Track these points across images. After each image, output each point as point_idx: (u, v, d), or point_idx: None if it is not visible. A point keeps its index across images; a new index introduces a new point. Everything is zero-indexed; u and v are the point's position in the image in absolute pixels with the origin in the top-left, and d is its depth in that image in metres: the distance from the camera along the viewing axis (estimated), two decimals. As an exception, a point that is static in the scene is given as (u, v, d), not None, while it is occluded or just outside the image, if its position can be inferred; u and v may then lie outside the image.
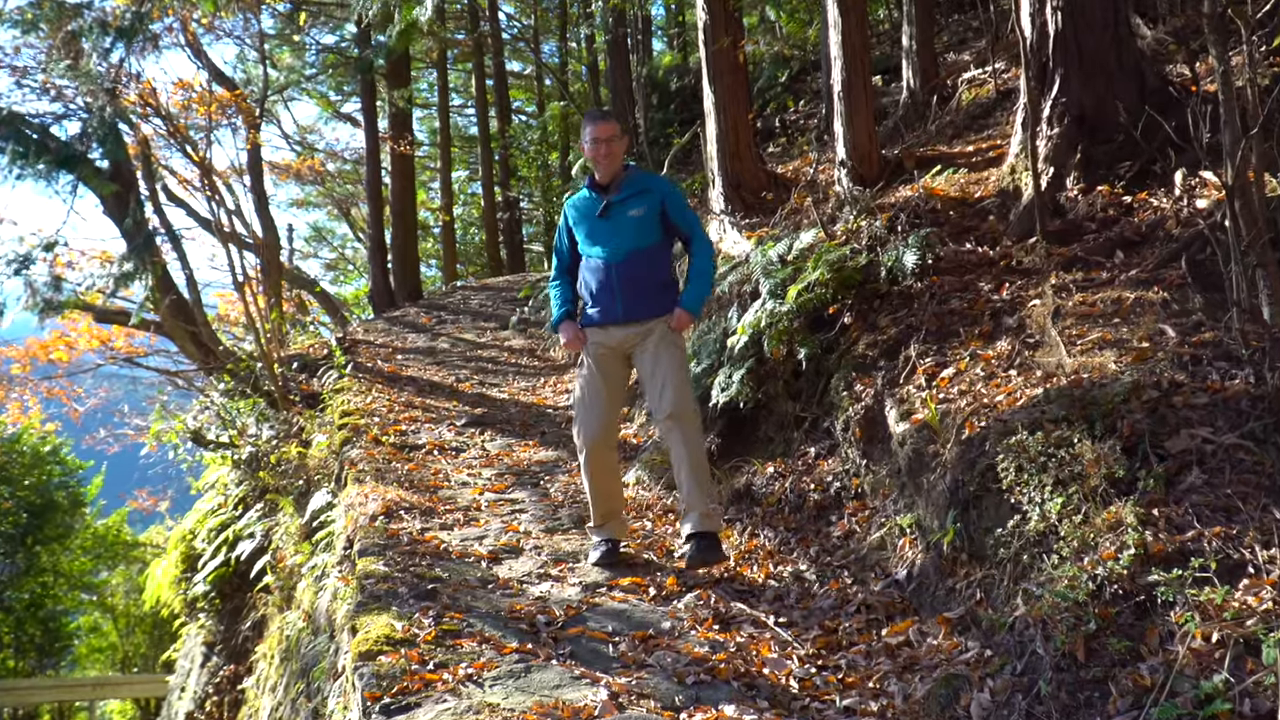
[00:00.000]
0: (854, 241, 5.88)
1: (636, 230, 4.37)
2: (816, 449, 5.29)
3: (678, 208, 4.40)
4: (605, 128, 4.36)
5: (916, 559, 4.04)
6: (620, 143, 4.41)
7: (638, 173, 4.47)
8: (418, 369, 11.56)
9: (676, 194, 4.41)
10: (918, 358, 4.78)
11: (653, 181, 4.42)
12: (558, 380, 10.96)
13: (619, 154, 4.40)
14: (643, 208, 4.36)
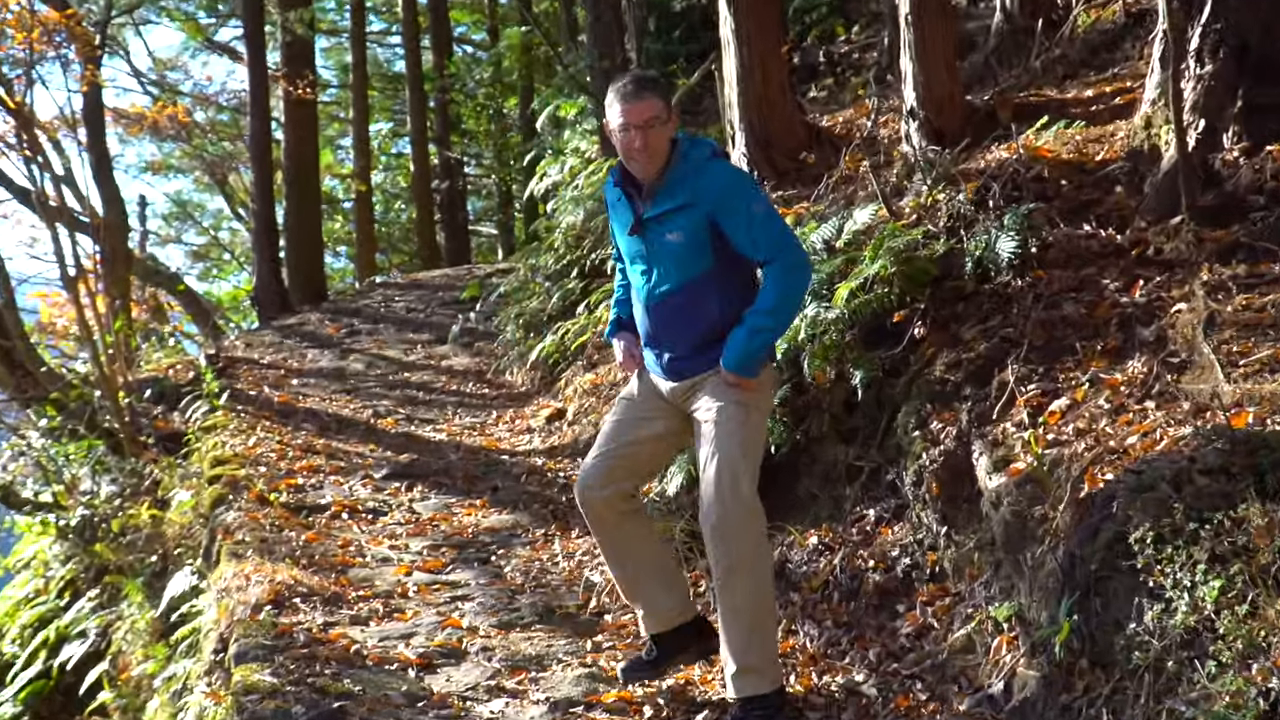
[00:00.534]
0: (928, 222, 5.92)
1: (676, 261, 4.20)
2: (877, 511, 5.30)
3: (737, 219, 4.12)
4: (642, 108, 4.13)
5: (1017, 666, 4.04)
6: (666, 128, 4.17)
7: (689, 161, 4.21)
8: (320, 399, 11.57)
9: (736, 196, 4.13)
10: (1017, 384, 4.80)
11: (704, 180, 4.15)
12: (517, 414, 10.99)
13: (663, 144, 4.17)
14: (681, 230, 4.17)
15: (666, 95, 4.24)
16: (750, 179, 4.37)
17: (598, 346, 10.69)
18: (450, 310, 16.76)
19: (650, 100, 4.17)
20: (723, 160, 4.27)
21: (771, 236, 4.12)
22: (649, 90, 4.19)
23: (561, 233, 12.78)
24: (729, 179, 4.20)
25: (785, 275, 4.11)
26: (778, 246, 4.12)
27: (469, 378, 13.13)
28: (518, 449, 9.53)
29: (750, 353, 4.11)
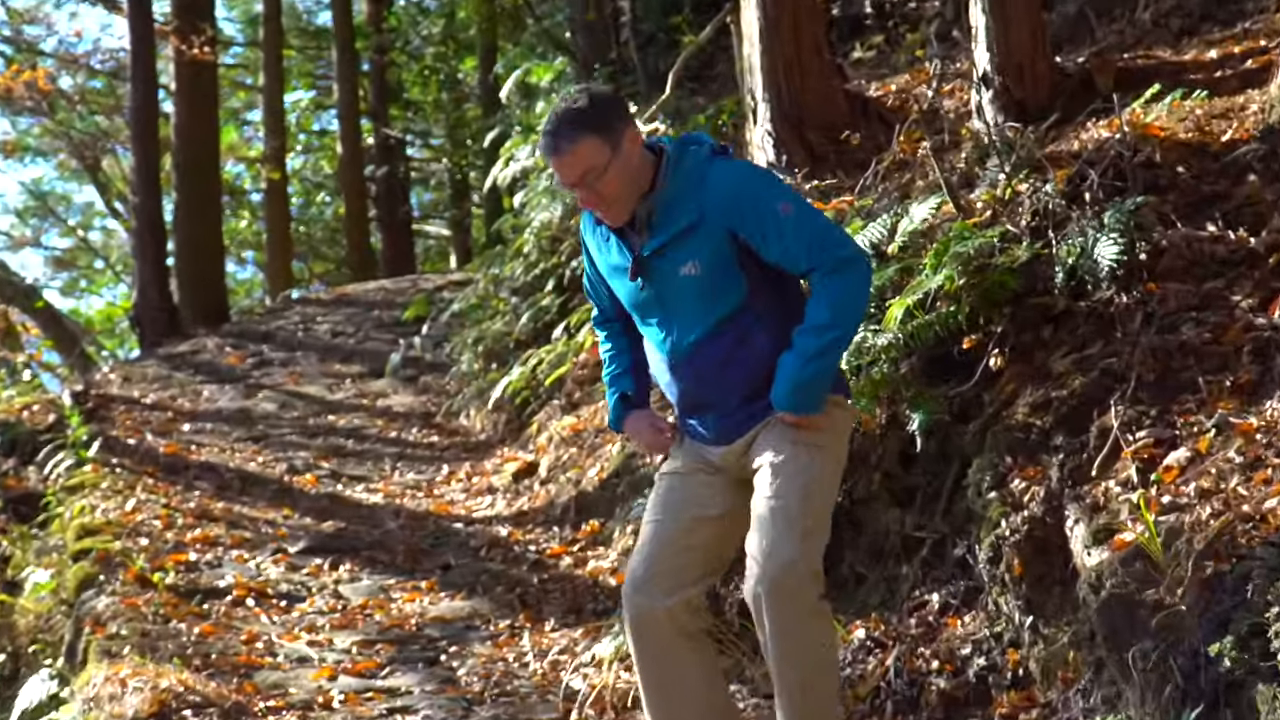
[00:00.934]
0: (1006, 220, 5.93)
1: (700, 298, 4.18)
2: (943, 596, 5.28)
3: (764, 226, 4.10)
4: (571, 162, 4.10)
5: (1125, 797, 4.03)
6: (619, 164, 4.11)
7: (683, 169, 4.19)
8: (220, 449, 11.56)
9: (756, 197, 4.11)
10: (1123, 430, 4.80)
11: (710, 188, 4.12)
12: (475, 469, 10.99)
13: (624, 182, 4.14)
14: (697, 258, 4.14)
15: (607, 122, 4.11)
16: (767, 173, 4.38)
17: (579, 381, 10.70)
18: (388, 334, 16.78)
19: (581, 145, 4.08)
20: (727, 158, 4.25)
21: (811, 237, 4.10)
22: (575, 129, 4.08)
23: (533, 234, 12.82)
24: (741, 178, 4.19)
25: (836, 277, 4.09)
26: (820, 245, 4.10)
27: (413, 422, 13.14)
28: (475, 515, 9.53)
29: (804, 383, 4.07)
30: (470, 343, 13.46)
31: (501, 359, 12.67)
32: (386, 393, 14.42)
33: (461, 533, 8.98)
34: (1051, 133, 6.73)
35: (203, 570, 7.73)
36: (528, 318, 12.24)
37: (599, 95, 4.19)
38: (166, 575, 7.32)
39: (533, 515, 9.16)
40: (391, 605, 7.36)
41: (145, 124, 18.59)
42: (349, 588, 7.69)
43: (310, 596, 7.48)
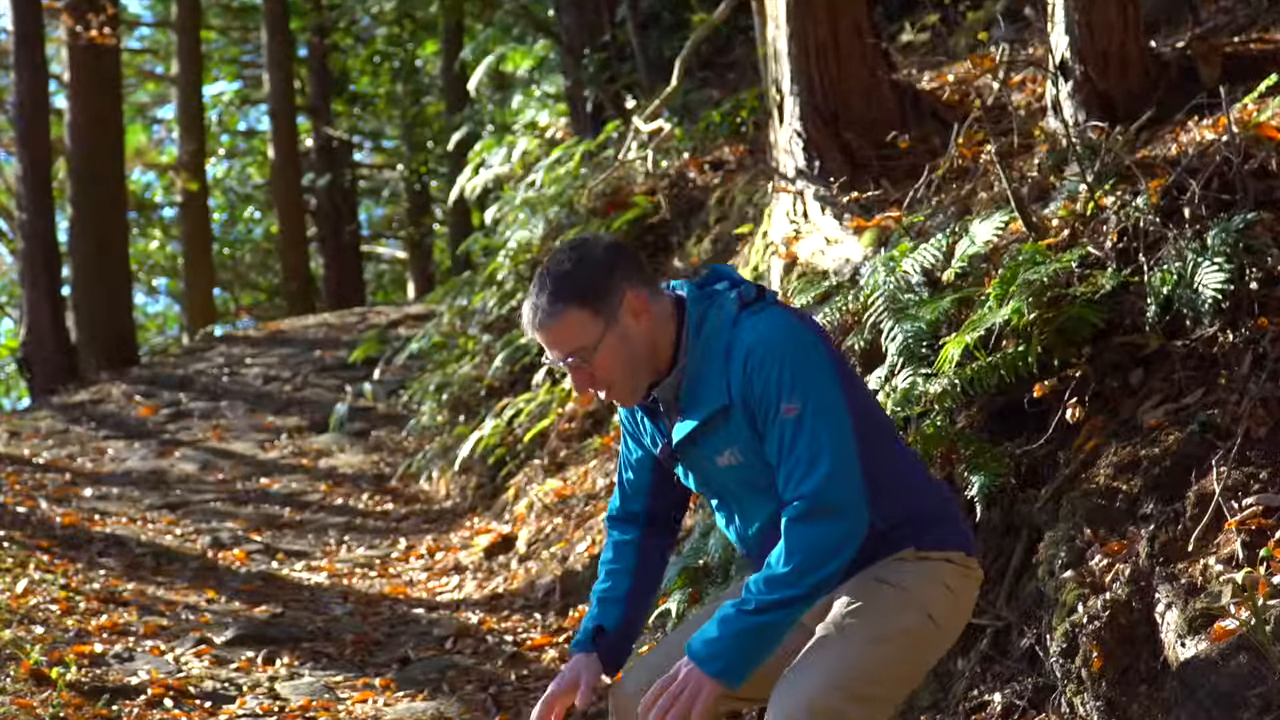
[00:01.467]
0: (1087, 241, 5.96)
1: (751, 489, 4.23)
2: (1006, 696, 5.30)
3: (766, 418, 4.10)
4: (558, 335, 4.14)
5: None
6: (612, 343, 4.14)
7: (705, 336, 4.20)
8: (128, 519, 11.58)
9: (767, 384, 4.09)
10: (1226, 496, 4.81)
11: (735, 360, 4.14)
12: (439, 543, 11.03)
13: (627, 357, 4.17)
14: (734, 446, 4.18)
15: (598, 290, 4.13)
16: (795, 343, 4.18)
17: (565, 437, 10.77)
18: (333, 380, 16.83)
19: (565, 319, 4.11)
20: (756, 312, 4.21)
21: (799, 461, 4.05)
22: (558, 300, 4.11)
23: (509, 257, 12.89)
24: (759, 349, 4.11)
25: (808, 525, 4.03)
26: (804, 476, 4.04)
27: (363, 486, 13.18)
28: (440, 598, 9.56)
29: (734, 635, 4.02)
30: (433, 390, 13.51)
31: (471, 409, 12.72)
32: (331, 450, 14.46)
33: (423, 620, 9.01)
34: (1144, 134, 6.73)
35: (111, 664, 7.73)
36: (502, 360, 12.29)
37: (591, 255, 4.16)
38: (67, 670, 7.32)
39: (509, 599, 9.19)
40: (339, 707, 7.37)
41: (32, 122, 18.64)
42: (287, 686, 7.69)
43: (240, 696, 7.48)
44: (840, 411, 4.07)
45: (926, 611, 4.14)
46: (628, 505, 4.56)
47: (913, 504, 4.28)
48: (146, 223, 32.21)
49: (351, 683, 7.77)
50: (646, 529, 4.54)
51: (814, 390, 4.06)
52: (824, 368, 4.11)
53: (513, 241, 12.82)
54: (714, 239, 10.67)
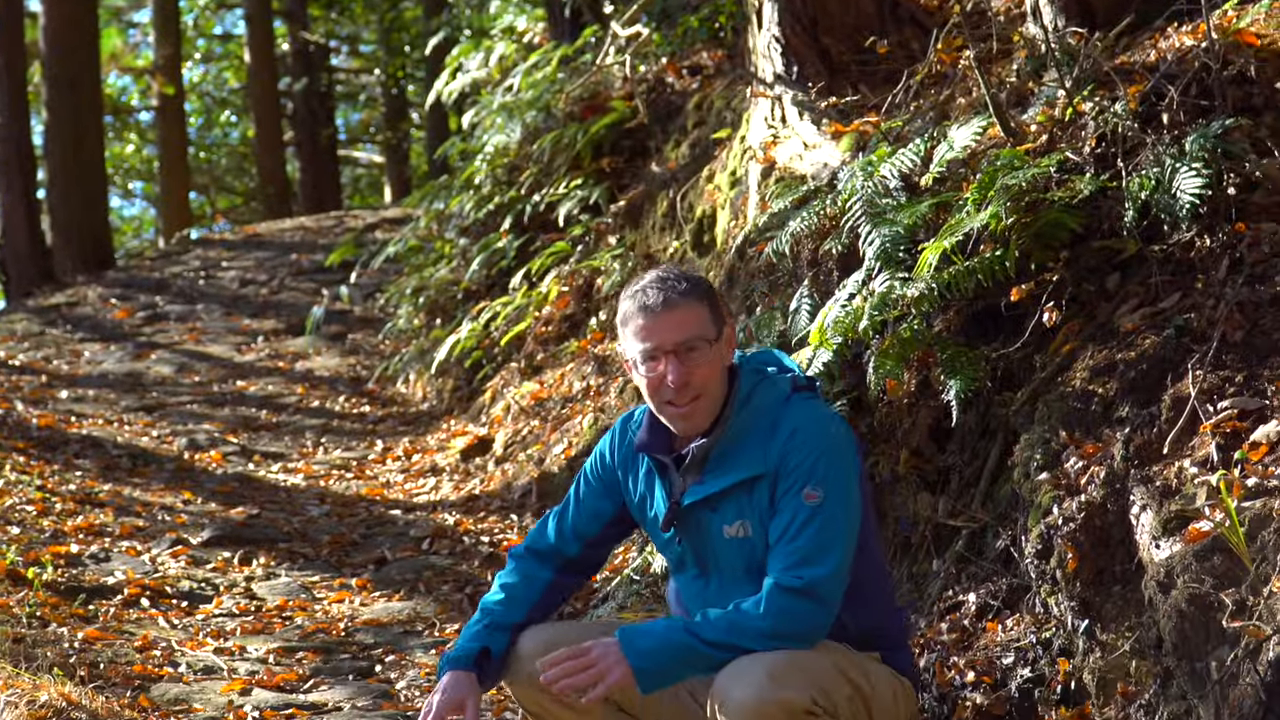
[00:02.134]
0: (1065, 146, 5.94)
1: (745, 567, 4.24)
2: (981, 596, 5.33)
3: (784, 493, 4.15)
4: (678, 321, 4.18)
5: (1198, 834, 4.09)
6: (717, 351, 4.21)
7: (754, 408, 4.25)
8: (105, 421, 11.56)
9: (801, 462, 4.13)
10: (1202, 399, 4.82)
11: (780, 439, 4.18)
12: (416, 445, 11.02)
13: (714, 379, 4.22)
14: (747, 519, 4.21)
15: (715, 300, 4.24)
16: (836, 440, 4.23)
17: (542, 340, 10.75)
18: (309, 283, 16.78)
19: (694, 309, 4.18)
20: (809, 399, 4.26)
21: (814, 545, 4.09)
22: (686, 294, 4.18)
23: (486, 162, 12.83)
24: (804, 434, 4.16)
25: (790, 598, 4.05)
26: (800, 563, 4.07)
27: (339, 388, 13.17)
28: (417, 500, 9.57)
29: (663, 651, 4.03)
30: (409, 293, 13.47)
31: (448, 313, 12.69)
32: (307, 353, 14.44)
33: (399, 521, 9.02)
34: (1123, 40, 6.68)
35: (87, 565, 7.74)
36: (479, 263, 12.25)
37: (708, 283, 4.30)
38: (43, 571, 7.33)
39: (486, 500, 9.21)
40: (315, 606, 7.40)
41: (7, 26, 18.46)
42: (264, 586, 7.71)
43: (217, 596, 7.50)
44: (855, 520, 4.16)
45: (875, 693, 4.17)
46: (560, 546, 4.54)
47: (885, 622, 4.38)
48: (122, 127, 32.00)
49: (328, 583, 7.79)
50: (563, 572, 4.54)
51: (841, 489, 4.14)
52: (854, 474, 4.20)
53: (490, 146, 12.76)
54: (692, 144, 10.62)
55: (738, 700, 3.91)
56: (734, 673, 3.95)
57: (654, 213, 10.54)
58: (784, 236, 6.51)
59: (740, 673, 3.94)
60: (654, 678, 4.02)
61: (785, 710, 3.89)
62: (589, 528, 4.51)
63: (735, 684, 3.93)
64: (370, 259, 15.11)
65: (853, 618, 4.21)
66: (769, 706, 3.88)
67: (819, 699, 3.95)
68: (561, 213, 11.28)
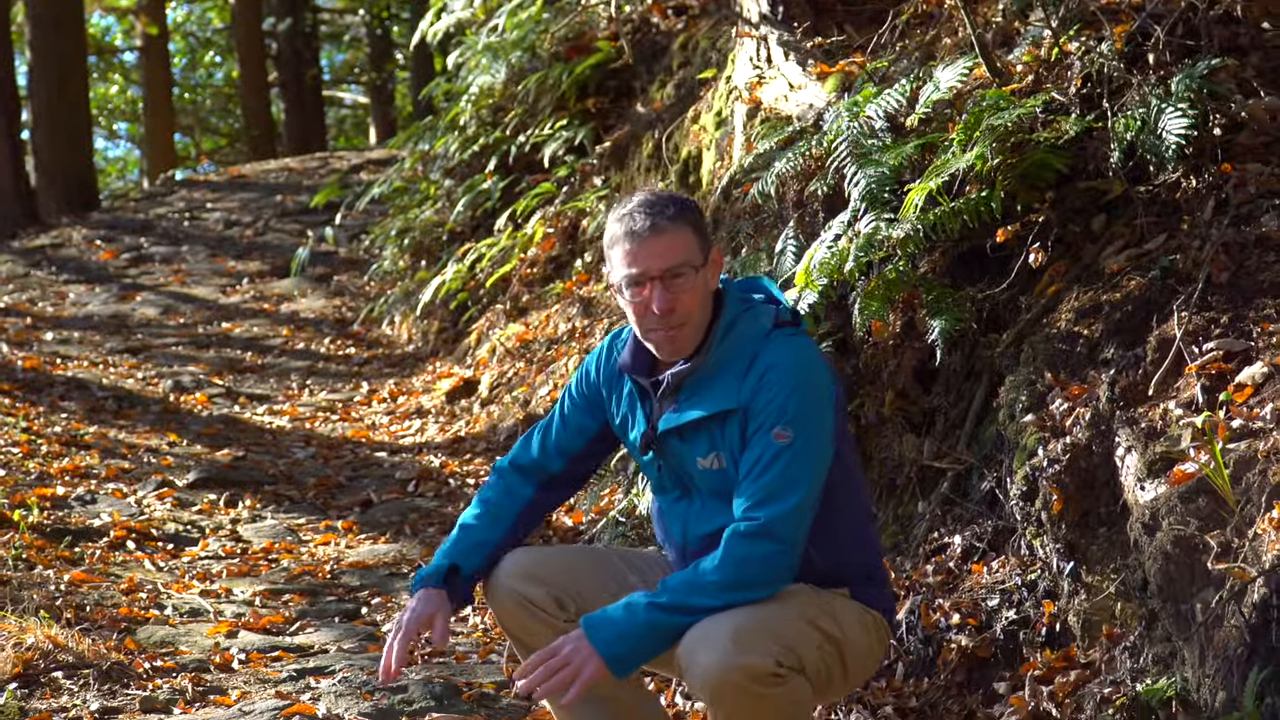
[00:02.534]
0: (1051, 87, 5.93)
1: (721, 494, 4.22)
2: (966, 539, 5.34)
3: (756, 430, 4.12)
4: (664, 246, 4.15)
5: (1181, 774, 4.10)
6: (701, 277, 4.18)
7: (736, 338, 4.22)
8: (90, 363, 11.56)
9: (772, 398, 4.11)
10: (1187, 341, 4.83)
11: (757, 374, 4.15)
12: (401, 387, 11.02)
13: (696, 305, 4.19)
14: (721, 452, 4.19)
15: (701, 224, 4.22)
16: (818, 379, 4.19)
17: (527, 281, 10.73)
18: (294, 224, 16.75)
19: (682, 233, 4.15)
20: (790, 335, 4.22)
21: (777, 483, 4.06)
22: (674, 219, 4.15)
23: (471, 102, 12.78)
24: (779, 369, 4.13)
25: (751, 542, 4.02)
26: (763, 501, 4.05)
27: (324, 330, 13.16)
28: (402, 442, 9.57)
29: (629, 635, 4.00)
30: (394, 235, 13.45)
31: (433, 255, 12.68)
32: (292, 295, 14.42)
33: (385, 463, 9.03)
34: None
35: (73, 507, 7.74)
36: (464, 205, 12.23)
37: (695, 204, 4.26)
38: (29, 513, 7.33)
39: (471, 442, 9.21)
40: (301, 549, 7.41)
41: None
42: (249, 528, 7.73)
43: (203, 538, 7.51)
44: (824, 461, 4.11)
45: (845, 635, 4.15)
46: (544, 461, 4.52)
47: (859, 557, 4.31)
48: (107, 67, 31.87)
49: (314, 525, 7.80)
50: (546, 488, 4.53)
51: (811, 428, 4.09)
52: (827, 412, 4.14)
53: (475, 86, 12.70)
54: (677, 85, 10.57)
55: (703, 667, 3.90)
56: (699, 637, 3.93)
57: (639, 154, 10.51)
58: (769, 177, 6.49)
59: (705, 637, 3.92)
60: (627, 663, 3.99)
61: (750, 676, 3.87)
62: (573, 443, 4.50)
63: (700, 649, 3.92)
64: (355, 200, 15.05)
65: (820, 554, 4.18)
66: (732, 674, 3.86)
67: (784, 659, 3.93)
68: (546, 154, 11.25)
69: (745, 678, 3.87)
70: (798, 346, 4.20)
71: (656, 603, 3.99)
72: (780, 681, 3.92)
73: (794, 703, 3.99)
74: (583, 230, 10.42)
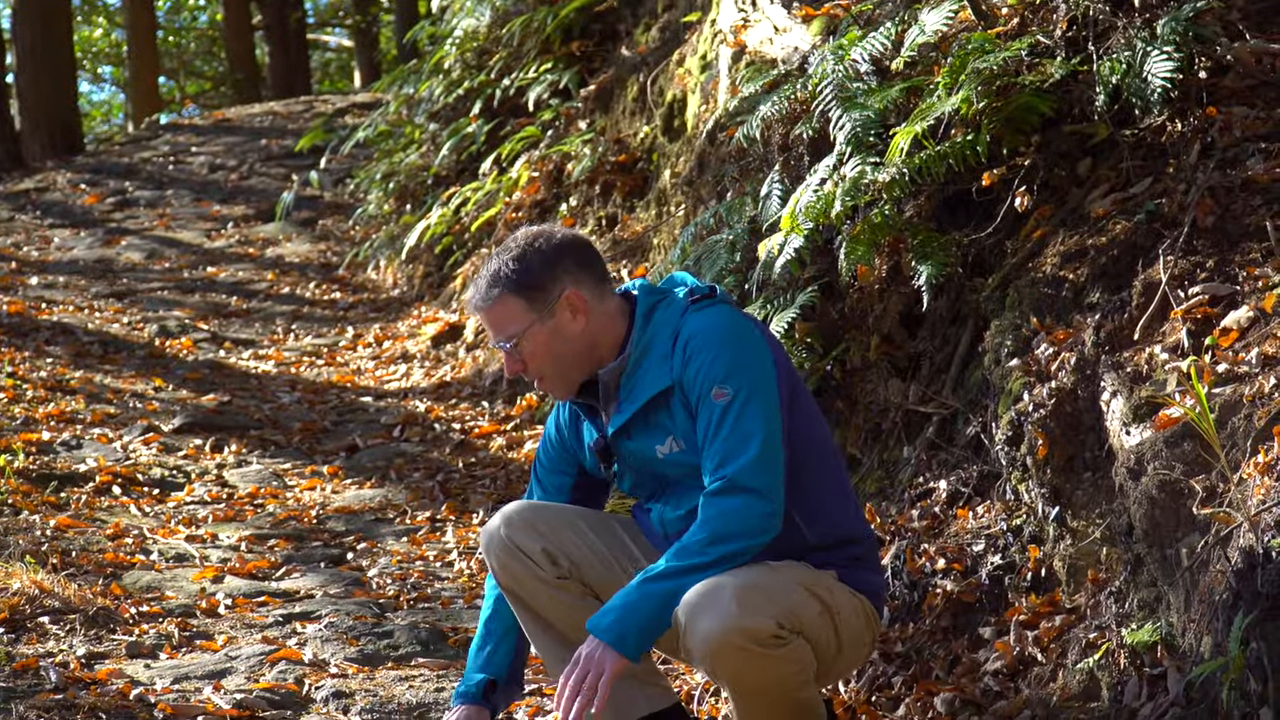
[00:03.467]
0: (1037, 30, 5.91)
1: (692, 474, 4.21)
2: (951, 483, 5.35)
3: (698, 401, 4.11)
4: (488, 319, 4.28)
5: (1164, 717, 4.11)
6: (543, 336, 4.19)
7: (654, 327, 4.22)
8: (75, 307, 11.53)
9: (702, 363, 4.10)
10: (1172, 285, 4.82)
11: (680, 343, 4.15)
12: (387, 332, 11.01)
13: (547, 353, 4.21)
14: (674, 434, 4.19)
15: (537, 283, 4.17)
16: (738, 334, 4.18)
17: (513, 225, 10.70)
18: (279, 169, 16.71)
19: (497, 305, 4.19)
20: (704, 307, 4.21)
21: (723, 446, 4.06)
22: (495, 285, 4.18)
23: (456, 45, 12.73)
24: (701, 334, 4.12)
25: (723, 499, 4.03)
26: (726, 460, 4.04)
27: (310, 275, 13.14)
28: (387, 387, 9.57)
29: (628, 615, 4.01)
30: (379, 179, 13.41)
31: (418, 199, 12.64)
32: (277, 239, 14.38)
33: (370, 408, 9.03)
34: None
35: (59, 452, 7.74)
36: (449, 148, 12.19)
37: (539, 248, 4.21)
38: (15, 458, 7.33)
39: (457, 387, 9.21)
40: (287, 494, 7.41)
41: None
42: (235, 473, 7.73)
43: (188, 484, 7.51)
44: (772, 403, 4.09)
45: (840, 611, 4.15)
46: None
47: (847, 535, 4.30)
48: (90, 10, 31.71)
49: (299, 470, 7.80)
50: None
51: (747, 379, 4.08)
52: (762, 360, 4.13)
53: (459, 30, 12.65)
54: (662, 28, 10.52)
55: (704, 631, 3.90)
56: (698, 601, 3.93)
57: (624, 97, 10.48)
58: (754, 121, 6.47)
59: (704, 601, 3.92)
60: (636, 642, 3.99)
61: (751, 639, 3.88)
62: (554, 471, 4.52)
63: (700, 613, 3.91)
64: (340, 144, 15.00)
65: (810, 527, 4.20)
66: (734, 636, 3.87)
67: (785, 621, 3.93)
68: (531, 97, 11.21)
69: (746, 639, 3.88)
70: (716, 313, 4.20)
71: (648, 577, 4.00)
72: (781, 643, 3.93)
73: (796, 663, 4.00)
74: (567, 174, 10.39)
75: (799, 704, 4.08)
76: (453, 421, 8.53)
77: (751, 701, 4.06)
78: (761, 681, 3.99)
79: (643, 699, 4.50)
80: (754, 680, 3.98)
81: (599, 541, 4.38)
